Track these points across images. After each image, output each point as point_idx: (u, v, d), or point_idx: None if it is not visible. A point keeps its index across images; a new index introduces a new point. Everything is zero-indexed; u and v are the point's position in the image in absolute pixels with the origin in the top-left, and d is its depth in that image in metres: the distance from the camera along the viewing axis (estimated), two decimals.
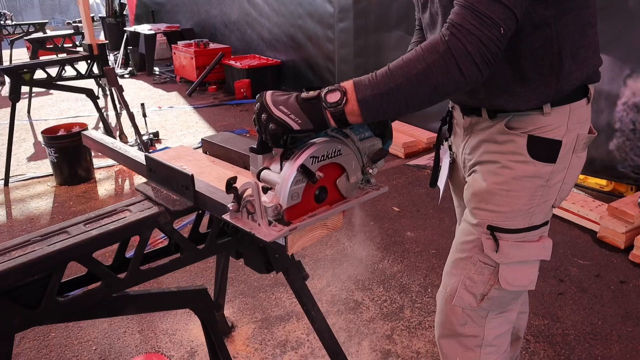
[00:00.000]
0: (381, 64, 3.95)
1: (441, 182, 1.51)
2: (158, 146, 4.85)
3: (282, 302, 2.48)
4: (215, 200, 1.19)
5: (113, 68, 4.11)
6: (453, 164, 1.49)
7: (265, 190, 1.02)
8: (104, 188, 3.95)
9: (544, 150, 1.19)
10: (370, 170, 1.09)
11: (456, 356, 1.42)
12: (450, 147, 1.48)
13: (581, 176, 3.54)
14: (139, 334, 2.28)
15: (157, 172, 1.36)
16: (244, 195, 1.00)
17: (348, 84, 0.97)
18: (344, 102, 0.95)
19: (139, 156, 1.45)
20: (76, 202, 3.68)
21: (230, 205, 1.01)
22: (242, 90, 6.47)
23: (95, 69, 4.22)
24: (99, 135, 1.67)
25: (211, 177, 1.35)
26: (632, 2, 3.01)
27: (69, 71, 4.20)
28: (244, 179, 1.27)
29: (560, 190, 1.25)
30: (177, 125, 5.58)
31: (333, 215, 1.07)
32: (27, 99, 6.30)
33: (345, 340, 2.21)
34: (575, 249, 2.86)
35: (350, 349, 2.15)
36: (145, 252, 1.33)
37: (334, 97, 0.95)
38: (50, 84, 4.00)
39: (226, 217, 1.03)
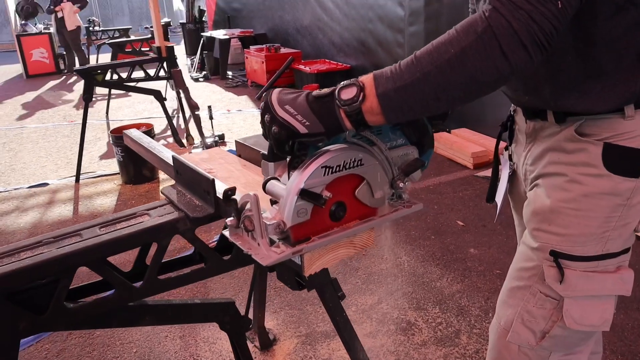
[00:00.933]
0: None
1: (499, 197, 1.31)
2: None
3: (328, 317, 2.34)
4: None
5: (180, 70, 4.17)
6: (513, 176, 1.29)
7: (274, 203, 0.89)
8: None
9: (625, 161, 0.97)
10: (402, 185, 0.93)
11: None
12: (510, 157, 1.28)
13: None
14: (179, 340, 2.23)
15: (182, 174, 1.27)
16: (245, 210, 0.87)
17: (367, 78, 0.81)
18: (360, 98, 0.79)
19: (168, 157, 1.37)
20: (138, 201, 3.74)
21: (228, 220, 0.89)
22: None
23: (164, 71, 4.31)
24: (137, 134, 1.62)
25: (238, 182, 1.24)
26: None
27: (142, 74, 4.32)
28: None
29: None
30: (243, 128, 5.61)
31: (357, 233, 0.92)
32: (106, 101, 6.59)
33: None
34: None
35: None
36: (166, 260, 1.25)
37: (349, 94, 0.80)
38: (120, 85, 4.12)
39: (225, 233, 0.91)
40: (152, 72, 4.33)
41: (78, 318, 1.10)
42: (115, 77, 4.16)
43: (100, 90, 7.71)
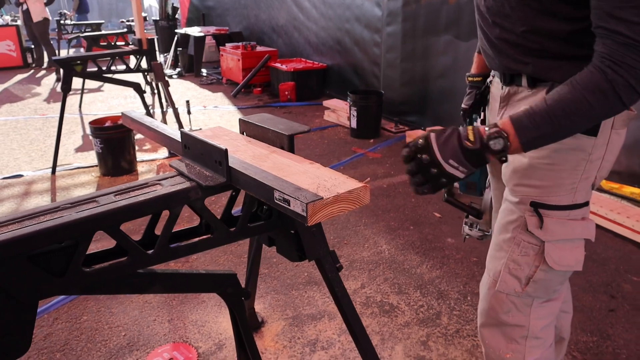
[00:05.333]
0: (428, 69, 3.92)
1: None
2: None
3: (314, 301, 2.41)
4: (249, 176, 1.14)
5: (161, 63, 4.17)
6: None
7: None
8: None
9: None
10: None
11: (499, 348, 1.33)
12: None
13: (637, 190, 3.33)
14: (168, 323, 2.26)
15: (191, 148, 1.32)
16: None
17: (508, 127, 1.02)
18: (508, 147, 1.02)
19: (175, 134, 1.42)
20: None
21: None
22: (286, 92, 6.47)
23: (144, 64, 4.30)
24: (137, 115, 1.66)
25: (246, 155, 1.30)
26: None
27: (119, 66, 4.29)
28: (276, 157, 1.22)
29: (600, 167, 1.21)
30: (220, 124, 5.62)
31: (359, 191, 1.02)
32: (79, 95, 6.50)
33: (378, 343, 2.11)
34: (629, 265, 2.67)
35: (382, 353, 2.06)
36: (174, 230, 1.30)
37: (498, 146, 1.01)
38: (99, 76, 4.09)
39: None
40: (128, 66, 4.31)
41: (93, 282, 1.14)
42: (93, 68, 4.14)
43: (72, 84, 7.60)
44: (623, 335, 2.14)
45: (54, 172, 4.14)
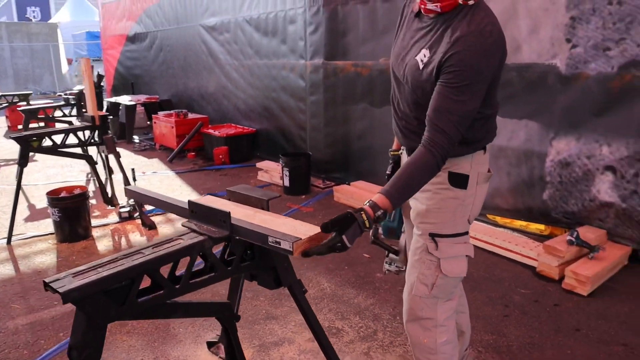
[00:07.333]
0: (348, 132, 4.89)
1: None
2: (148, 207, 5.27)
3: (275, 331, 2.91)
4: (248, 228, 1.69)
5: (112, 137, 4.61)
6: None
7: None
8: (103, 244, 4.33)
9: (459, 181, 1.82)
10: None
11: (419, 336, 1.93)
12: None
13: (523, 223, 4.16)
14: None
15: (197, 212, 1.86)
16: None
17: (386, 203, 1.59)
18: (387, 215, 1.62)
19: (183, 202, 1.95)
20: (78, 256, 4.05)
21: None
22: (220, 156, 7.01)
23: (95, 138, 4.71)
24: (142, 189, 2.16)
25: (239, 214, 1.85)
26: (551, 80, 3.76)
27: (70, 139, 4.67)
28: (261, 215, 1.79)
29: (472, 209, 1.87)
30: (162, 188, 6.03)
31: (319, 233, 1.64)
32: (10, 166, 6.65)
33: None
34: (519, 281, 3.42)
35: None
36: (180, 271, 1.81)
37: (382, 219, 1.59)
38: (55, 150, 4.45)
39: None
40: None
41: (141, 310, 1.62)
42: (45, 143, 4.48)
43: (4, 155, 7.71)
44: (514, 332, 2.83)
45: (9, 242, 4.37)
